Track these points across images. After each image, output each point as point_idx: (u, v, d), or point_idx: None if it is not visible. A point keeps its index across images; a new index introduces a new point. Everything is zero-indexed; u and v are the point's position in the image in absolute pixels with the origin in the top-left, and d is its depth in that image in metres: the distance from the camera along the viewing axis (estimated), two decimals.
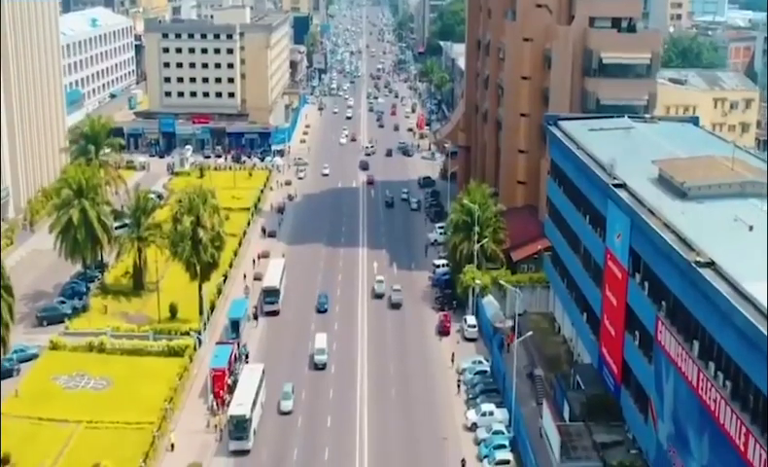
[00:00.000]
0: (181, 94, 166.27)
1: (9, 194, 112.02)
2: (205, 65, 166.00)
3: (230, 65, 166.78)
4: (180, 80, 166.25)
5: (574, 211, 74.80)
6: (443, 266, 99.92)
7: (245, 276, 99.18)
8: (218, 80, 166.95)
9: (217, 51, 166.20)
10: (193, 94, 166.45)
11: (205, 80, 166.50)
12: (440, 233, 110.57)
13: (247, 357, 79.49)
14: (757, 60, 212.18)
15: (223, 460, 64.50)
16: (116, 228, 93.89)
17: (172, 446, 65.36)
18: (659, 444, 52.59)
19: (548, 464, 60.19)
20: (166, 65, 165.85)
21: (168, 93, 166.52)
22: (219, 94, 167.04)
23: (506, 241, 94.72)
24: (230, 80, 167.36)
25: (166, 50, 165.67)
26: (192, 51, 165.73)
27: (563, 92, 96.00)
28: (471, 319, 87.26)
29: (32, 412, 68.91)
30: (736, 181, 57.67)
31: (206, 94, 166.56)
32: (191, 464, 63.06)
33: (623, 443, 58.49)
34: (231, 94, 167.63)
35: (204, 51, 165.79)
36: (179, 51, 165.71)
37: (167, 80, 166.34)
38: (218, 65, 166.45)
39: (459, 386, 75.98)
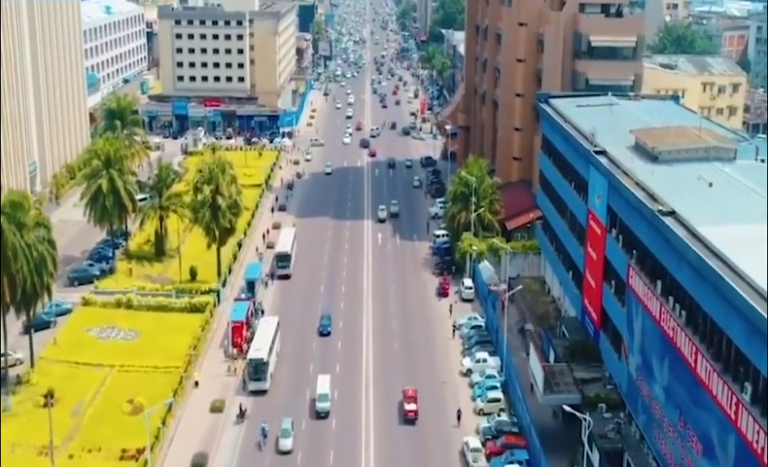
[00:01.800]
0: (193, 79, 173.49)
1: (36, 168, 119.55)
2: (216, 51, 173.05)
3: (240, 51, 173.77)
4: (192, 65, 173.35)
5: (561, 179, 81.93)
6: (443, 236, 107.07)
7: (257, 249, 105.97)
8: (228, 65, 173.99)
9: (227, 37, 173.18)
10: (205, 79, 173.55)
11: (216, 65, 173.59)
12: (441, 208, 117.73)
13: (263, 313, 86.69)
14: (751, 49, 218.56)
15: (242, 399, 71.72)
16: (138, 200, 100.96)
17: (196, 383, 72.99)
18: (630, 376, 59.76)
19: (534, 400, 67.57)
20: (179, 51, 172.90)
21: (181, 78, 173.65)
22: (229, 79, 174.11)
23: (501, 212, 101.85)
24: (240, 65, 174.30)
25: (179, 36, 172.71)
26: (203, 37, 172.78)
27: (555, 73, 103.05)
28: (468, 282, 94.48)
29: (69, 357, 76.65)
30: (702, 146, 64.64)
31: (217, 79, 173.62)
32: (214, 400, 70.55)
33: (601, 379, 65.52)
34: (241, 79, 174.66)
35: (215, 37, 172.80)
36: (191, 36, 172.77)
37: (180, 64, 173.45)
38: (228, 51, 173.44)
39: (454, 332, 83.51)
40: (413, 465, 64.11)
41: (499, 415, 69.14)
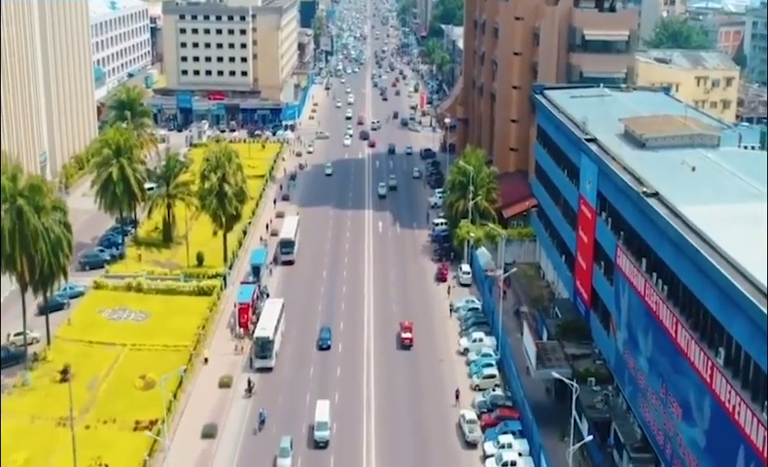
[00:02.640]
0: (197, 73, 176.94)
1: (46, 158, 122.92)
2: (220, 45, 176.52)
3: (243, 45, 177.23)
4: (196, 59, 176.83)
5: (555, 167, 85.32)
6: (442, 224, 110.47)
7: (261, 238, 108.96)
8: (231, 59, 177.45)
9: (231, 32, 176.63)
10: (209, 73, 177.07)
11: (220, 59, 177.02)
12: (440, 198, 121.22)
13: (268, 296, 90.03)
14: (746, 44, 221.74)
15: (249, 375, 74.91)
16: (147, 189, 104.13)
17: (206, 360, 76.44)
18: (618, 350, 63.10)
19: (528, 377, 70.95)
20: (183, 45, 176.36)
21: (185, 72, 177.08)
22: (232, 73, 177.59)
23: (498, 200, 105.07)
24: (243, 59, 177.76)
25: (183, 30, 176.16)
26: (207, 31, 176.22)
27: (550, 66, 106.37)
28: (466, 267, 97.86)
29: (83, 336, 79.99)
30: (687, 133, 68.05)
31: (221, 73, 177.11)
32: (222, 376, 73.98)
33: (590, 355, 68.88)
34: (244, 73, 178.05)
35: (219, 31, 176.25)
36: (195, 31, 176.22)
37: (184, 59, 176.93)
38: (231, 45, 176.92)
39: (451, 312, 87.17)
40: (413, 440, 67.09)
41: (494, 391, 72.47)
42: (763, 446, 40.71)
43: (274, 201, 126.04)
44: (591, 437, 58.81)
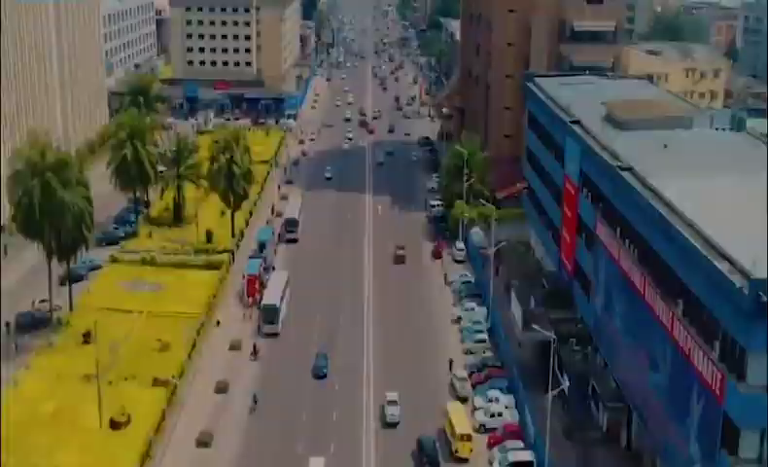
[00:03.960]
0: (203, 63, 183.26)
1: (60, 144, 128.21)
2: (224, 37, 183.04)
3: (247, 37, 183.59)
4: (201, 50, 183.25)
5: (543, 149, 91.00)
6: (438, 205, 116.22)
7: (267, 222, 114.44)
8: (236, 50, 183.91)
9: (235, 23, 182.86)
10: (214, 63, 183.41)
11: (225, 50, 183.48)
12: (437, 182, 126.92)
13: (273, 269, 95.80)
14: (739, 38, 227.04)
15: (257, 340, 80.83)
16: (159, 172, 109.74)
17: (218, 322, 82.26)
18: (596, 314, 68.93)
19: (516, 342, 76.83)
20: (189, 36, 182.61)
21: (191, 62, 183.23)
22: (237, 63, 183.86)
23: (491, 183, 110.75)
24: (247, 50, 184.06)
25: (189, 22, 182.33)
26: (212, 23, 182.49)
27: (541, 56, 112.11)
28: (460, 245, 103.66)
29: (103, 304, 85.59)
30: (662, 115, 73.78)
31: (225, 63, 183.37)
32: (233, 340, 79.89)
33: (573, 320, 74.68)
34: (248, 64, 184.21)
35: (224, 23, 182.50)
36: (201, 23, 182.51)
37: (190, 50, 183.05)
38: (236, 37, 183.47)
39: (445, 283, 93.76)
40: (408, 392, 72.52)
41: (484, 354, 78.25)
42: (712, 380, 46.55)
43: (278, 186, 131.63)
44: (568, 383, 64.62)
